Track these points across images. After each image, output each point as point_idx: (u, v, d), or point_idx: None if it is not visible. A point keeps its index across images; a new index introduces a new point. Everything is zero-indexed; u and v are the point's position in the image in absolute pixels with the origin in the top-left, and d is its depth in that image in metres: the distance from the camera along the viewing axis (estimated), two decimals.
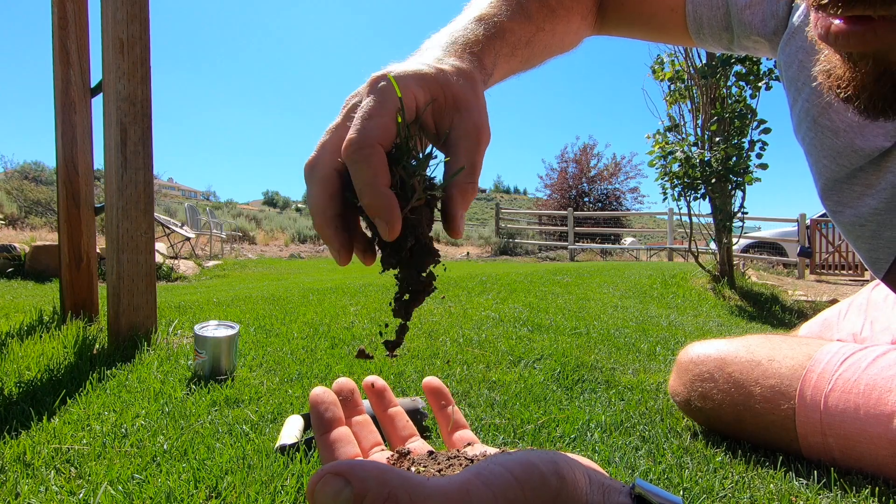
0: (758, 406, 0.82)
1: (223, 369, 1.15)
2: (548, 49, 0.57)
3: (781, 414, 0.80)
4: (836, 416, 0.74)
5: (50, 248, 4.43)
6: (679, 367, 0.94)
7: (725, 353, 0.88)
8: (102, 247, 3.12)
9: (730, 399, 0.85)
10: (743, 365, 0.85)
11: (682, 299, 3.25)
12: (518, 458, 0.28)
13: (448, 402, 0.46)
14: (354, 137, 0.34)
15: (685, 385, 0.92)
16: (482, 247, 13.20)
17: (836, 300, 3.89)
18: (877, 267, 0.61)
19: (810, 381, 0.78)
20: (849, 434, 0.73)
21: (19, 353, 1.27)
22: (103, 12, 1.40)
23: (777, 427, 0.81)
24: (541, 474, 0.27)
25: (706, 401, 0.88)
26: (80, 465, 0.74)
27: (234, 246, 10.93)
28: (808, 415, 0.77)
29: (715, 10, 0.64)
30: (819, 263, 7.21)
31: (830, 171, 0.60)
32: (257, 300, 2.42)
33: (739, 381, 0.85)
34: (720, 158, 3.45)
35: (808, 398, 0.77)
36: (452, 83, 0.39)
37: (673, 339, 1.81)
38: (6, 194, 10.48)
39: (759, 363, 0.84)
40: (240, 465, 0.73)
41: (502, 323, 1.93)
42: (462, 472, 0.27)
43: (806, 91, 0.59)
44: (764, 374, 0.83)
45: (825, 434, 0.75)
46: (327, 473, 0.24)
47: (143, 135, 1.41)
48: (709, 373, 0.88)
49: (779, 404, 0.80)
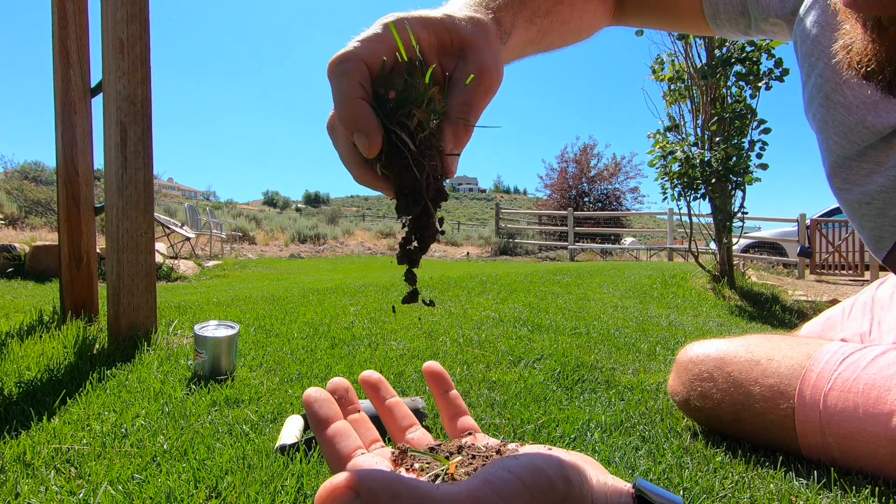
0: (757, 405, 0.82)
1: (223, 369, 1.15)
2: (566, 26, 0.56)
3: (780, 413, 0.80)
4: (835, 415, 0.74)
5: (50, 248, 4.43)
6: (678, 367, 0.94)
7: (725, 353, 0.88)
8: (102, 247, 3.12)
9: (729, 398, 0.85)
10: (742, 364, 0.85)
11: (682, 299, 3.25)
12: (525, 462, 0.28)
13: (449, 388, 0.45)
14: (338, 54, 0.33)
15: (684, 385, 0.92)
16: (482, 247, 13.20)
17: (836, 300, 3.89)
18: (879, 246, 0.60)
19: (809, 381, 0.77)
20: (848, 433, 0.73)
21: (19, 353, 1.27)
22: (103, 12, 1.40)
23: (776, 427, 0.81)
24: (548, 479, 0.27)
25: (705, 400, 0.88)
26: (80, 465, 0.74)
27: (234, 246, 10.93)
28: (807, 414, 0.77)
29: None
30: (819, 263, 7.21)
31: (841, 147, 0.59)
32: (257, 300, 2.42)
33: (738, 381, 0.84)
34: (720, 158, 3.45)
35: (808, 397, 0.77)
36: (461, 27, 0.38)
37: (673, 339, 1.81)
38: (6, 194, 10.47)
39: (759, 363, 0.84)
40: (240, 465, 0.73)
41: (502, 323, 1.93)
42: (471, 479, 0.27)
43: (819, 66, 0.58)
44: (763, 374, 0.82)
45: (824, 433, 0.75)
46: (336, 486, 0.24)
47: (143, 135, 1.41)
48: (708, 372, 0.88)
49: (778, 404, 0.80)
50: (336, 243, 13.68)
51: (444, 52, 0.38)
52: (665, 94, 4.00)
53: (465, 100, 0.36)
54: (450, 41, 0.38)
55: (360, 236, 15.89)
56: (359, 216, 32.13)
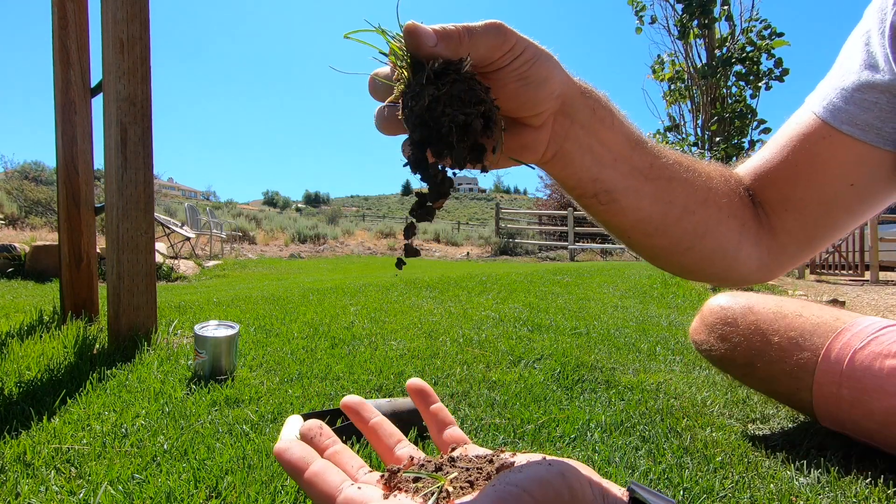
0: (772, 353, 0.86)
1: (223, 369, 1.15)
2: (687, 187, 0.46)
3: (792, 363, 0.84)
4: (859, 370, 0.78)
5: (50, 248, 4.43)
6: (705, 310, 0.99)
7: (755, 303, 0.93)
8: (102, 247, 3.12)
9: (746, 343, 0.89)
10: (768, 315, 0.90)
11: (682, 299, 3.24)
12: (530, 475, 0.28)
13: (433, 401, 0.45)
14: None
15: (707, 326, 0.96)
16: (482, 247, 13.20)
17: (836, 300, 3.90)
18: None
19: (842, 338, 0.81)
20: (866, 388, 0.76)
21: (19, 352, 1.27)
22: (103, 12, 1.40)
23: (785, 376, 0.85)
24: (555, 490, 0.28)
25: (723, 342, 0.93)
26: (80, 464, 0.74)
27: (234, 246, 10.93)
28: (830, 366, 0.81)
29: (874, 106, 0.48)
30: (819, 263, 7.22)
31: None
32: (257, 300, 2.42)
33: (761, 329, 0.89)
34: (720, 158, 3.45)
35: (836, 351, 0.81)
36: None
37: (673, 338, 1.81)
38: (6, 194, 10.48)
39: (785, 316, 0.88)
40: (240, 465, 0.73)
41: (502, 323, 1.93)
42: (481, 498, 0.27)
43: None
44: (788, 327, 0.87)
45: (840, 385, 0.79)
46: None
47: (143, 135, 1.41)
48: (733, 317, 0.93)
49: (793, 354, 0.84)
50: (336, 243, 13.68)
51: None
52: (665, 94, 4.00)
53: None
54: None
55: (361, 236, 15.90)
56: (359, 216, 32.15)
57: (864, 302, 4.44)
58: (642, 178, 0.44)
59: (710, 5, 3.54)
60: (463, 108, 0.32)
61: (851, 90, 0.49)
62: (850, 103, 0.49)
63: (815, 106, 0.51)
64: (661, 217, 0.45)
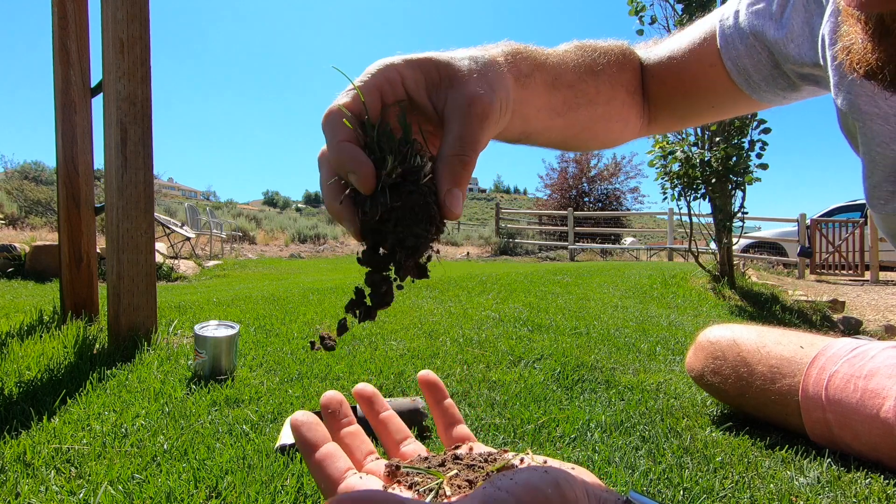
0: (758, 383, 0.92)
1: (223, 369, 1.15)
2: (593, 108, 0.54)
3: (776, 391, 0.89)
4: (837, 394, 0.81)
5: (50, 248, 4.43)
6: (697, 345, 1.05)
7: (739, 336, 0.99)
8: (102, 247, 3.11)
9: (736, 375, 0.95)
10: (751, 346, 0.95)
11: (682, 299, 3.24)
12: (521, 481, 0.28)
13: (444, 397, 0.45)
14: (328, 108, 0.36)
15: (700, 361, 1.02)
16: (482, 247, 13.20)
17: (836, 300, 3.90)
18: None
19: (818, 363, 0.85)
20: (845, 411, 0.80)
21: (19, 352, 1.27)
22: (103, 12, 1.40)
23: (773, 403, 0.90)
24: (545, 497, 0.28)
25: (716, 375, 0.98)
26: (80, 464, 0.74)
27: (234, 246, 10.93)
28: (810, 392, 0.84)
29: (757, 56, 0.57)
30: (819, 263, 7.21)
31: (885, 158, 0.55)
32: (257, 300, 2.42)
33: (746, 360, 0.94)
34: (720, 158, 3.45)
35: (814, 376, 0.85)
36: (452, 63, 0.38)
37: (673, 339, 1.81)
38: (6, 194, 10.48)
39: (765, 345, 0.94)
40: (240, 465, 0.73)
41: (502, 323, 1.93)
42: (468, 499, 0.27)
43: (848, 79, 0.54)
44: (768, 356, 0.92)
45: (825, 409, 0.83)
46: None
47: (143, 135, 1.41)
48: (721, 351, 0.99)
49: (776, 382, 0.89)
50: (336, 243, 13.68)
51: (435, 88, 0.37)
52: None
53: (457, 133, 0.35)
54: (438, 77, 0.37)
55: None
56: None
57: (864, 302, 4.45)
58: (556, 116, 0.50)
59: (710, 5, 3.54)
60: (413, 229, 0.34)
61: (749, 31, 0.56)
62: (743, 43, 0.57)
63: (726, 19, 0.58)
64: (564, 140, 0.55)
